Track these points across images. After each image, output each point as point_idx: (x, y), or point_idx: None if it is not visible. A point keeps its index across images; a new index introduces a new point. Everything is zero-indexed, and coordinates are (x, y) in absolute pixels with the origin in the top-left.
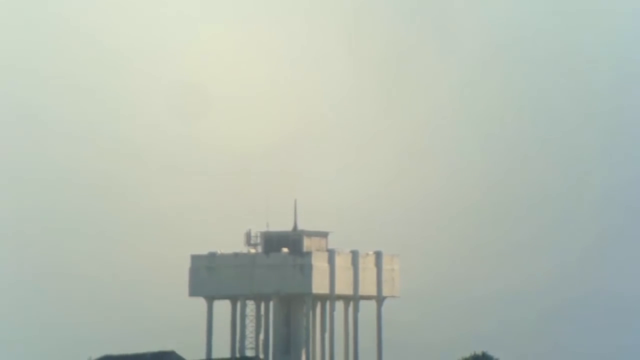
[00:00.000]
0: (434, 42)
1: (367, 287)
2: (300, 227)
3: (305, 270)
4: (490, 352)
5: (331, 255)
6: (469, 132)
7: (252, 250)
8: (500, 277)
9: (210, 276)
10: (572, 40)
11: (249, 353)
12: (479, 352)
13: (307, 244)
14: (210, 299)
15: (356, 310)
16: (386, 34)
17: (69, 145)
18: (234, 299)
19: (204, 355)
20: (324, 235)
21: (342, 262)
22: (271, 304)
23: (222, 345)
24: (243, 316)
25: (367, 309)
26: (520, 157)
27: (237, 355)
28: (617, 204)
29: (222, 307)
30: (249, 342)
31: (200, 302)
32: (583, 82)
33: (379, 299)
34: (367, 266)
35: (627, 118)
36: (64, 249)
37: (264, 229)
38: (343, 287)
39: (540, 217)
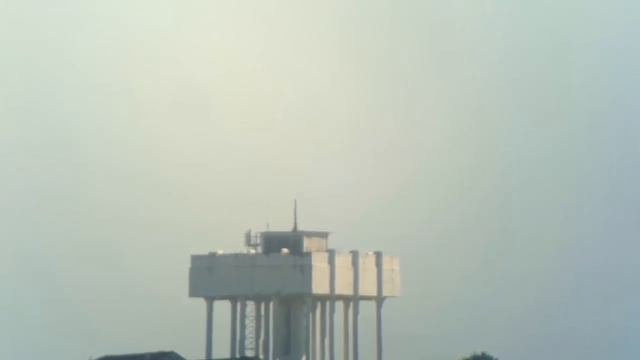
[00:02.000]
0: (430, 41)
1: (367, 287)
2: (300, 227)
3: (305, 270)
4: (490, 352)
5: (331, 255)
6: (469, 131)
7: (252, 251)
8: (501, 277)
9: (210, 276)
10: (563, 37)
11: (249, 353)
12: (479, 352)
13: (307, 244)
14: (210, 300)
15: (356, 310)
16: (388, 35)
17: (68, 145)
18: (234, 300)
19: (203, 356)
20: (324, 235)
21: (342, 263)
22: (271, 304)
23: (222, 346)
24: (243, 316)
25: (367, 309)
26: (520, 155)
27: (237, 355)
28: (615, 201)
29: (222, 308)
30: (249, 342)
31: (200, 303)
32: (574, 78)
33: (379, 299)
34: (367, 266)
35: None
36: (64, 249)
37: (264, 229)
38: (343, 287)
39: (540, 216)
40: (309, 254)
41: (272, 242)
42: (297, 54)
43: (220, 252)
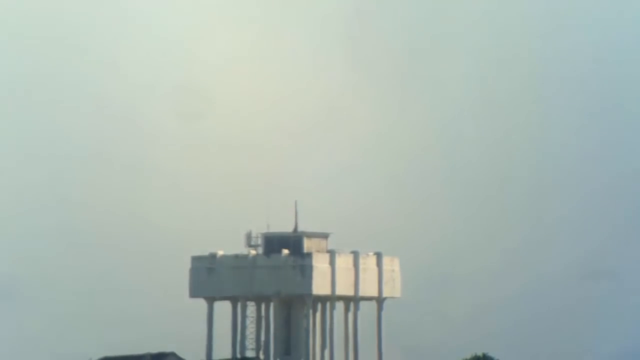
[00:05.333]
0: (436, 43)
1: (368, 288)
2: (301, 228)
3: (306, 271)
4: (491, 353)
5: (332, 256)
6: (470, 133)
7: (253, 252)
8: (501, 277)
9: (210, 277)
10: (568, 40)
11: (250, 354)
12: (479, 353)
13: (308, 245)
14: (210, 300)
15: (357, 311)
16: (387, 35)
17: (68, 145)
18: (234, 300)
19: (204, 357)
20: (324, 236)
21: (343, 263)
22: (272, 305)
23: (222, 347)
24: (243, 317)
25: (368, 309)
26: (523, 157)
27: (238, 356)
28: (620, 203)
29: (223, 309)
30: (250, 343)
31: (201, 303)
32: (586, 81)
33: (380, 300)
34: (368, 267)
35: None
36: (64, 250)
37: (264, 230)
38: (344, 288)
39: (542, 217)
40: (309, 255)
41: (273, 242)
42: (297, 55)
43: (220, 252)
